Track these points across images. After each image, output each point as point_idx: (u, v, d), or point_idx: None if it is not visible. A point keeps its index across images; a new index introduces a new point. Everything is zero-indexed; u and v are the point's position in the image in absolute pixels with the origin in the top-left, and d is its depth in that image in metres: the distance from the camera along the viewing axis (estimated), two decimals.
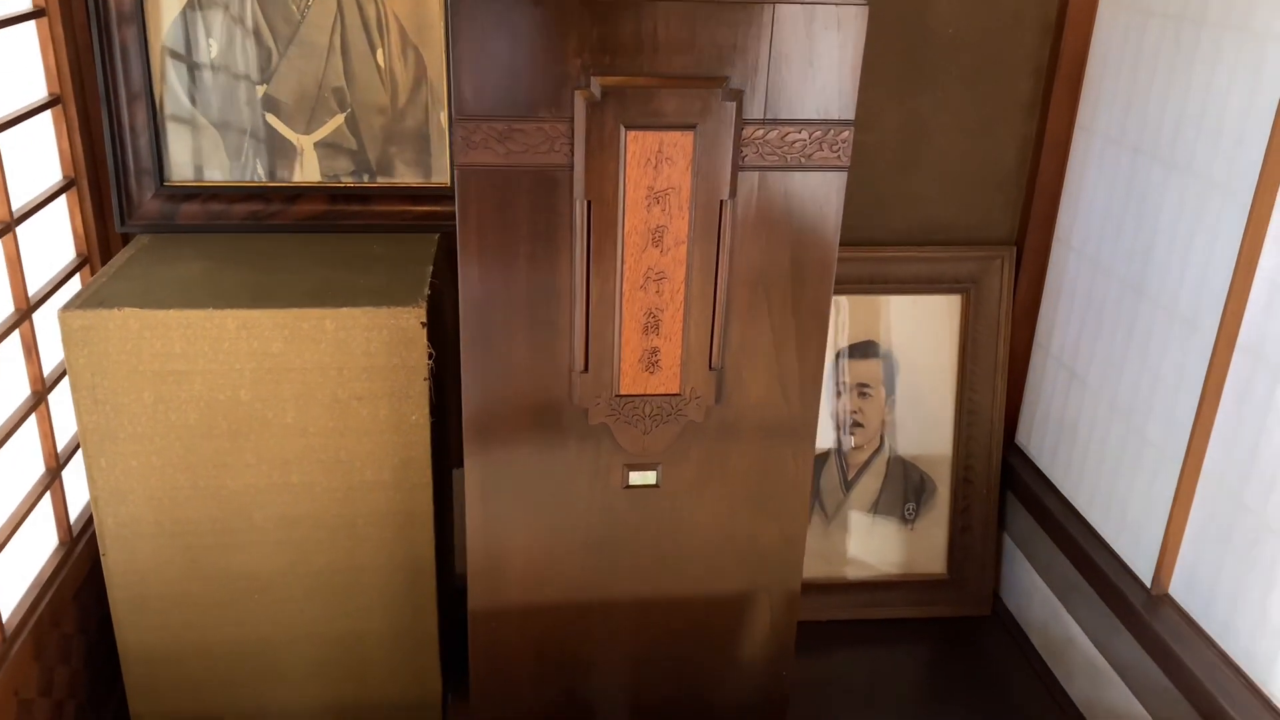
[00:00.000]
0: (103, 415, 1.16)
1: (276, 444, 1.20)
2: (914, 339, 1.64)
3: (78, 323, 1.13)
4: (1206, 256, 1.25)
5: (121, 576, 1.24)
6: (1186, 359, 1.28)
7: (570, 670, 1.22)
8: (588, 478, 1.09)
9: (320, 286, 1.21)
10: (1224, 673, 1.21)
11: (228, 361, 1.16)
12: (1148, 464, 1.36)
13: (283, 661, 1.31)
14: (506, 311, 1.00)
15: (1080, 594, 1.49)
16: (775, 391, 1.07)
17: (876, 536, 1.69)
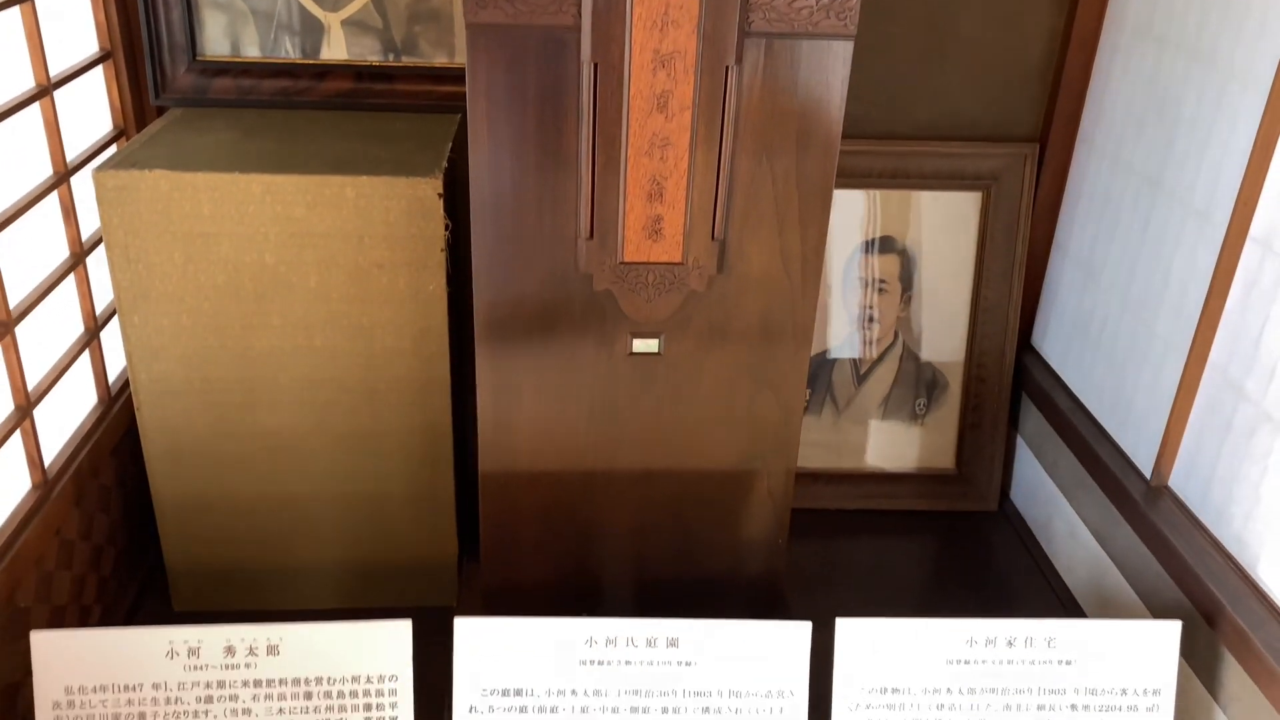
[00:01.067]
0: (135, 274, 1.22)
1: (300, 308, 1.25)
2: (933, 236, 1.65)
3: (111, 182, 1.18)
4: (1224, 148, 1.24)
5: (155, 432, 1.31)
6: (1198, 252, 1.29)
7: (575, 537, 1.27)
8: (592, 344, 1.13)
9: (343, 157, 1.25)
10: (1215, 559, 1.24)
11: (253, 225, 1.20)
12: (1154, 358, 1.37)
13: (307, 518, 1.38)
14: (515, 175, 1.03)
15: (1084, 488, 1.52)
16: (777, 264, 1.09)
17: (887, 430, 1.72)
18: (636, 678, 1.11)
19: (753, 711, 1.12)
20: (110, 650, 1.06)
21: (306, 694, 1.08)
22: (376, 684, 1.09)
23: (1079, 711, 1.14)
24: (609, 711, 1.11)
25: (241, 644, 1.07)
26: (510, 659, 1.10)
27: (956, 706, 1.13)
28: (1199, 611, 1.22)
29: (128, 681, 1.06)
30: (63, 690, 1.06)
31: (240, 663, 1.07)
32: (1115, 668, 1.14)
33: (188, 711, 1.07)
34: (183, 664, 1.07)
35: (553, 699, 1.11)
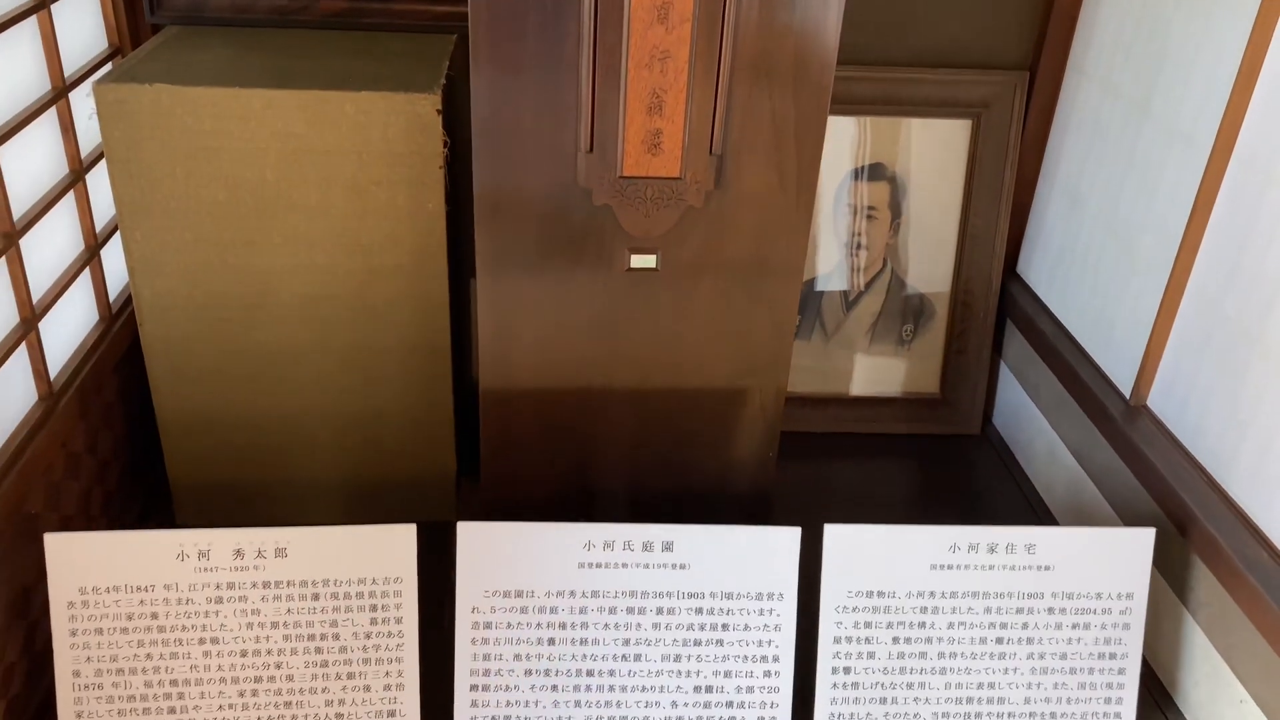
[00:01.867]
0: (137, 189, 1.23)
1: (301, 225, 1.27)
2: (923, 163, 1.67)
3: (112, 96, 1.18)
4: (1210, 71, 1.26)
5: (158, 347, 1.33)
6: (1182, 174, 1.31)
7: (572, 452, 1.31)
8: (591, 259, 1.15)
9: (341, 74, 1.26)
10: (1189, 473, 1.29)
11: (253, 140, 1.21)
12: (1137, 280, 1.41)
13: (309, 435, 1.40)
14: (515, 88, 1.04)
15: (1065, 409, 1.56)
16: (773, 180, 1.12)
17: (874, 356, 1.75)
18: (633, 580, 1.15)
19: (744, 613, 1.16)
20: (122, 552, 1.09)
21: (314, 595, 1.12)
22: (382, 586, 1.12)
23: (1056, 614, 1.19)
24: (606, 612, 1.15)
25: (250, 547, 1.10)
26: (511, 562, 1.14)
27: (939, 609, 1.18)
28: (1172, 522, 1.27)
29: (140, 582, 1.10)
30: (76, 591, 1.09)
31: (249, 565, 1.11)
32: (1091, 573, 1.19)
33: (198, 611, 1.11)
34: (193, 566, 1.10)
35: (552, 600, 1.15)
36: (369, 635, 1.13)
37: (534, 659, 1.16)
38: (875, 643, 1.18)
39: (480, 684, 1.15)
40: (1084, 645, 1.20)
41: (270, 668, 1.13)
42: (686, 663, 1.17)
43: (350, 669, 1.13)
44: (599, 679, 1.16)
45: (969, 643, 1.19)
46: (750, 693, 1.18)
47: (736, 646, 1.17)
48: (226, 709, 1.13)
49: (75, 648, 1.10)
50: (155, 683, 1.11)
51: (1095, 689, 1.21)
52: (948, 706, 1.20)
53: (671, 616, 1.16)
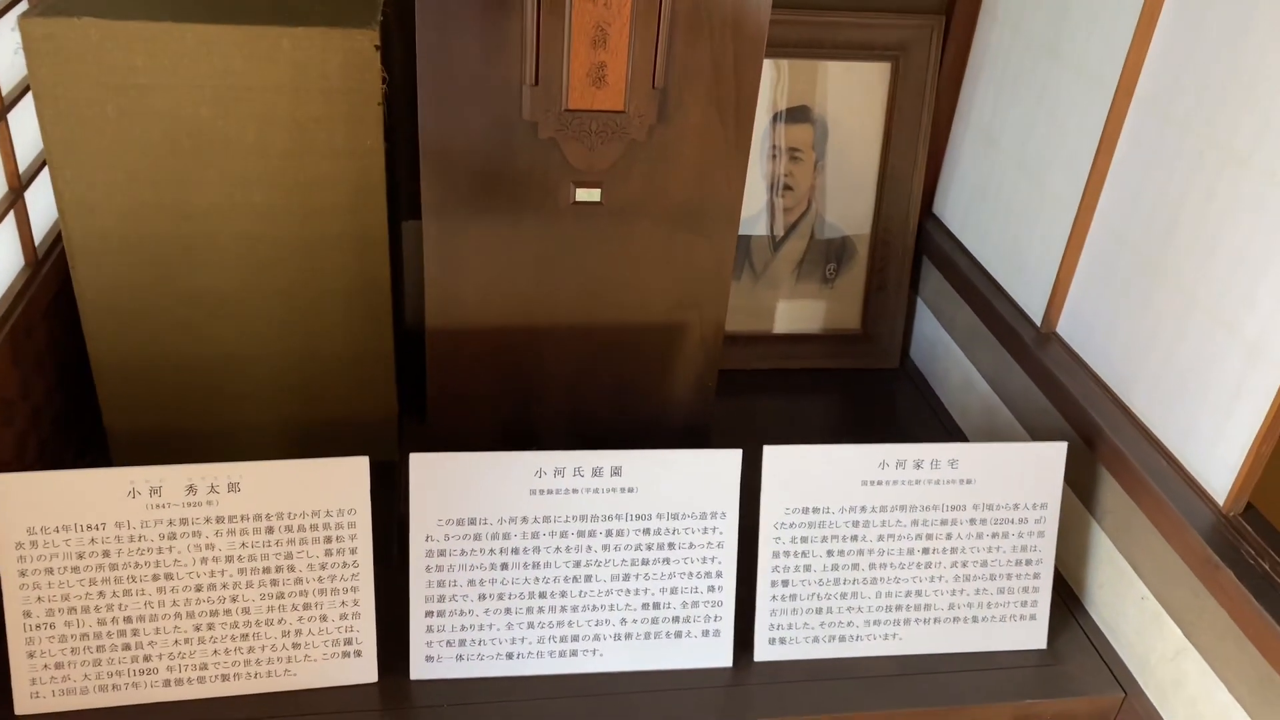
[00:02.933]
0: (67, 127, 1.21)
1: (238, 163, 1.26)
2: (844, 106, 1.72)
3: (39, 30, 1.15)
4: (1114, 12, 1.34)
5: (91, 290, 1.31)
6: (1089, 113, 1.40)
7: (518, 388, 1.34)
8: (537, 194, 1.18)
9: (276, 9, 1.25)
10: (1095, 393, 1.38)
11: (188, 78, 1.20)
12: (1047, 215, 1.49)
13: (248, 378, 1.40)
14: (459, 20, 1.06)
15: (979, 340, 1.65)
16: (713, 115, 1.15)
17: (799, 294, 1.82)
18: (582, 504, 1.19)
19: (689, 532, 1.22)
20: (71, 491, 1.09)
21: (268, 528, 1.13)
22: (336, 517, 1.14)
23: (977, 525, 1.28)
24: (558, 535, 1.19)
25: (203, 483, 1.11)
26: (464, 491, 1.17)
27: (870, 523, 1.26)
28: (1080, 438, 1.36)
29: (90, 520, 1.10)
30: (24, 531, 1.09)
31: (202, 500, 1.11)
32: (1009, 485, 1.28)
33: (152, 548, 1.11)
34: (145, 503, 1.10)
35: (505, 526, 1.18)
36: (324, 566, 1.15)
37: (487, 584, 1.19)
38: (811, 556, 1.25)
39: (435, 609, 1.19)
40: (1002, 553, 1.29)
41: (226, 601, 1.14)
42: (635, 581, 1.22)
43: (306, 600, 1.15)
44: (551, 600, 1.21)
45: (897, 553, 1.27)
46: (695, 607, 1.23)
47: (682, 564, 1.22)
48: (183, 643, 1.14)
49: (25, 588, 1.09)
50: (109, 620, 1.12)
51: (1013, 593, 1.30)
52: (879, 614, 1.28)
53: (620, 538, 1.21)
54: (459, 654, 1.20)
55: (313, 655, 1.17)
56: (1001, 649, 1.31)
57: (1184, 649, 1.20)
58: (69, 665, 1.12)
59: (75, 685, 1.12)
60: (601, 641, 1.22)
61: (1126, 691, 1.27)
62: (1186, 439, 1.23)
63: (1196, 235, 1.22)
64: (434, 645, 1.19)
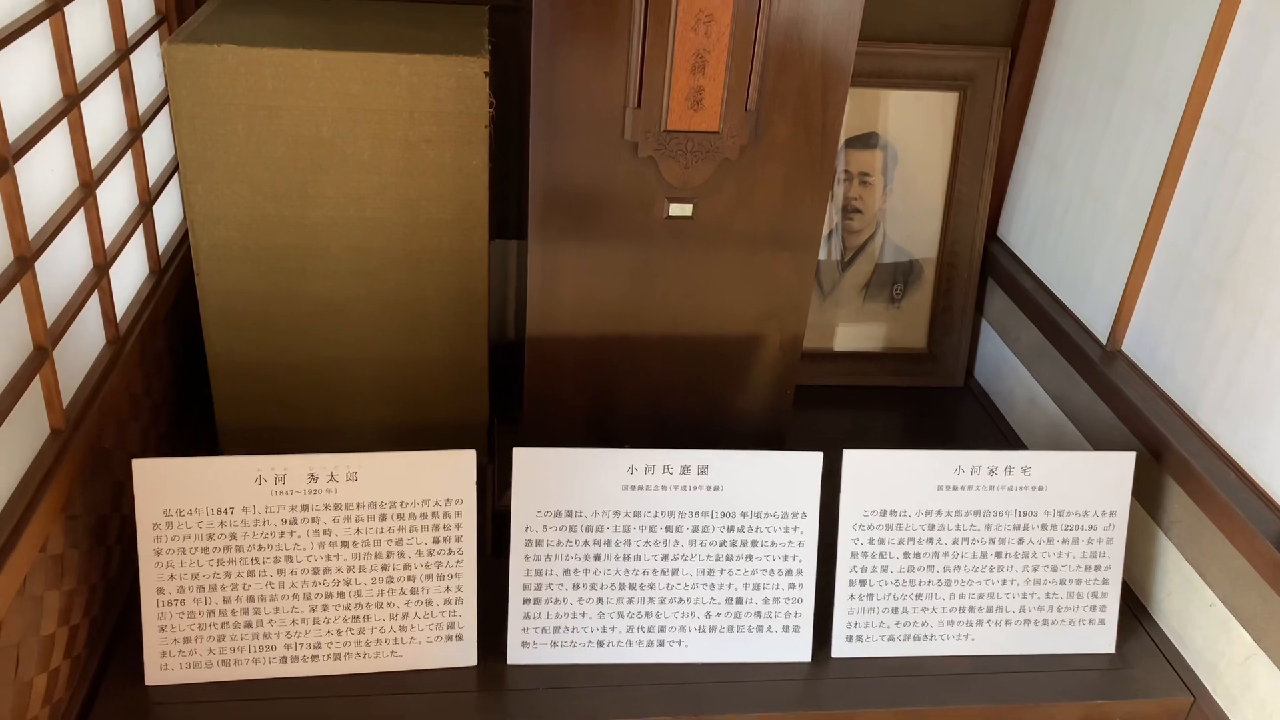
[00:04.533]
0: (200, 145, 1.31)
1: (353, 180, 1.35)
2: (912, 133, 1.80)
3: (182, 55, 1.26)
4: (1181, 41, 1.40)
5: (213, 296, 1.41)
6: (1155, 138, 1.46)
7: (607, 392, 1.41)
8: (634, 208, 1.26)
9: (392, 38, 1.35)
10: (1162, 407, 1.43)
11: (312, 99, 1.30)
12: (1112, 235, 1.55)
13: (352, 380, 1.49)
14: (571, 49, 1.15)
15: (1044, 358, 1.70)
16: (800, 136, 1.23)
17: (866, 313, 1.88)
18: (671, 501, 1.26)
19: (771, 530, 1.28)
20: (204, 476, 1.18)
21: (381, 515, 1.21)
22: (444, 507, 1.22)
23: (1048, 530, 1.33)
24: (647, 529, 1.26)
25: (323, 471, 1.20)
26: (561, 485, 1.24)
27: (944, 526, 1.31)
28: (1147, 450, 1.41)
29: (220, 505, 1.19)
30: (161, 513, 1.18)
31: (322, 488, 1.20)
32: (1079, 493, 1.33)
33: (274, 532, 1.20)
34: (270, 489, 1.19)
35: (598, 519, 1.26)
36: (431, 553, 1.23)
37: (581, 574, 1.26)
38: (888, 557, 1.31)
39: (532, 597, 1.26)
40: (1072, 558, 1.34)
41: (340, 584, 1.22)
42: (719, 576, 1.28)
43: (414, 584, 1.23)
44: (640, 591, 1.27)
45: (971, 556, 1.32)
46: (776, 603, 1.29)
47: (764, 561, 1.29)
48: (299, 623, 1.22)
49: (160, 566, 1.18)
50: (233, 599, 1.20)
51: (1082, 598, 1.35)
52: (952, 615, 1.33)
53: (706, 534, 1.27)
54: (553, 640, 1.26)
55: (418, 638, 1.24)
56: (1071, 652, 1.35)
57: (1254, 654, 1.24)
58: (195, 640, 1.20)
59: (200, 659, 1.21)
60: (686, 633, 1.29)
61: (1195, 695, 1.31)
62: (1254, 450, 1.28)
63: (1262, 254, 1.27)
64: (530, 631, 1.26)
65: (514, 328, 1.84)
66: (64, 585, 1.13)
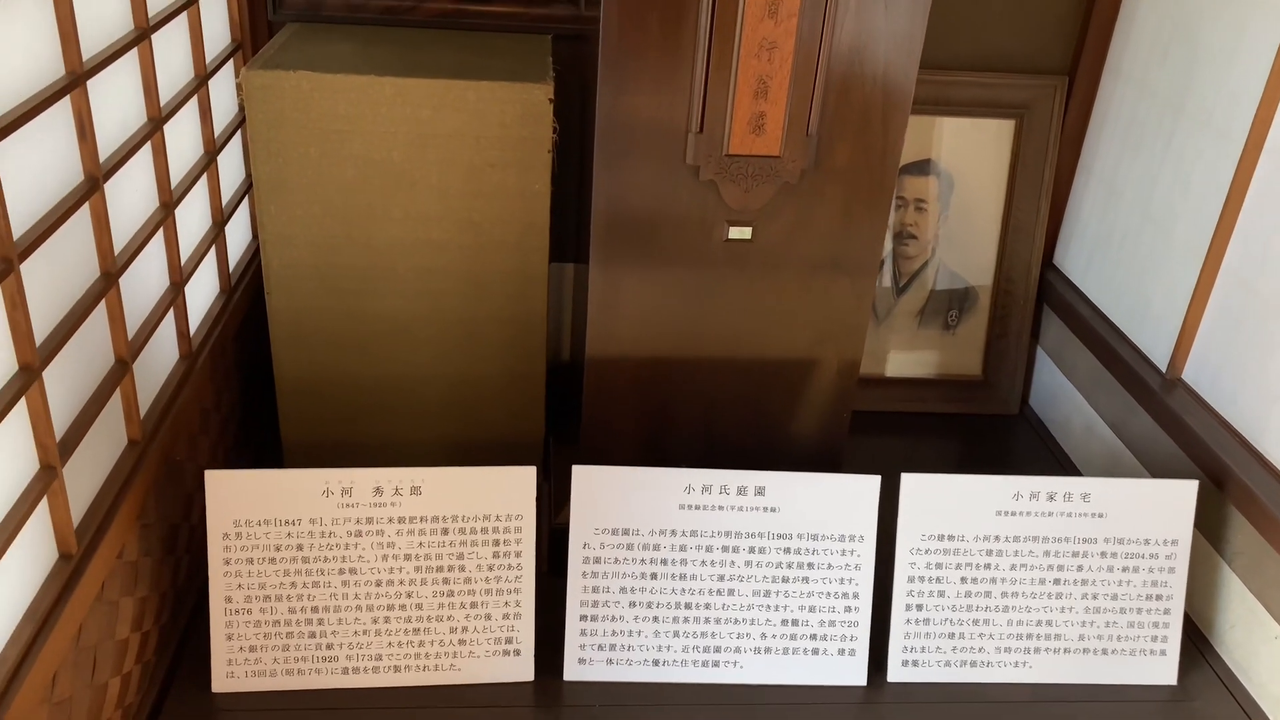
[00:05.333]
0: (275, 167, 1.36)
1: (420, 202, 1.39)
2: (968, 159, 1.80)
3: (259, 81, 1.31)
4: (1244, 70, 1.40)
5: (283, 315, 1.45)
6: (1216, 165, 1.45)
7: (664, 412, 1.43)
8: (694, 232, 1.28)
9: (459, 66, 1.39)
10: (1224, 435, 1.41)
11: (383, 125, 1.34)
12: (1173, 263, 1.54)
13: (414, 397, 1.52)
14: (637, 75, 1.17)
15: (1102, 387, 1.69)
16: (860, 159, 1.25)
17: (920, 340, 1.88)
18: (728, 521, 1.27)
19: (828, 553, 1.29)
20: (273, 488, 1.21)
21: (443, 530, 1.24)
22: (504, 522, 1.24)
23: (1107, 558, 1.32)
24: (704, 549, 1.27)
25: (389, 485, 1.22)
26: (619, 503, 1.26)
27: (1003, 552, 1.31)
28: (1209, 479, 1.39)
29: (288, 516, 1.22)
30: (231, 523, 1.21)
31: (387, 502, 1.23)
32: (1139, 521, 1.31)
33: (339, 544, 1.23)
34: (336, 502, 1.22)
35: (655, 538, 1.27)
36: (491, 568, 1.25)
37: (638, 592, 1.27)
38: (945, 582, 1.30)
39: (589, 614, 1.27)
40: (1133, 587, 1.32)
41: (402, 596, 1.24)
42: (775, 598, 1.29)
43: (474, 599, 1.25)
44: (696, 611, 1.28)
45: (1029, 583, 1.31)
46: (832, 626, 1.30)
47: (820, 584, 1.29)
48: (361, 634, 1.24)
49: (229, 575, 1.21)
50: (298, 609, 1.23)
51: (1143, 628, 1.33)
52: (1010, 642, 1.32)
53: (762, 555, 1.28)
54: (609, 658, 1.28)
55: (476, 652, 1.26)
56: (1131, 682, 1.33)
57: None
58: (261, 649, 1.23)
59: (265, 668, 1.23)
60: (742, 654, 1.29)
61: None
62: None
63: None
64: (587, 649, 1.27)
65: (569, 349, 1.87)
66: (137, 592, 1.16)
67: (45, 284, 0.98)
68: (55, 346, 0.97)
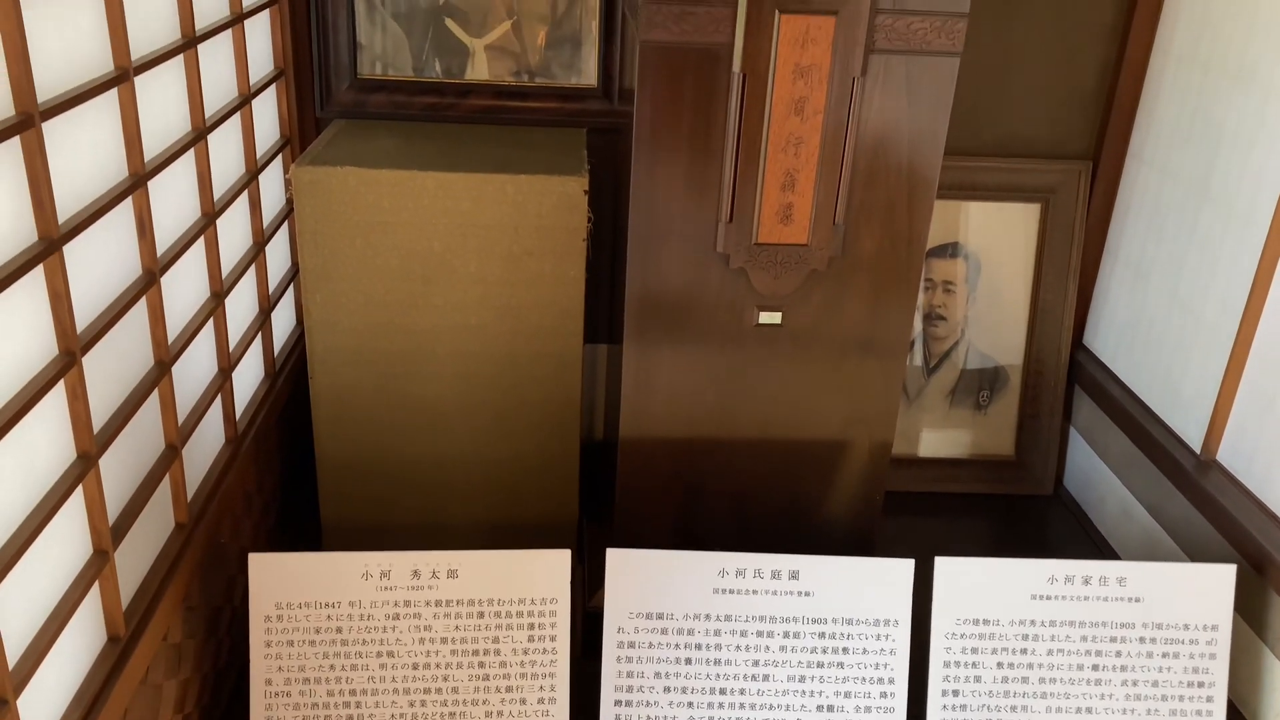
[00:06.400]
0: (321, 257, 1.41)
1: (460, 290, 1.44)
2: (995, 242, 1.83)
3: (308, 177, 1.37)
4: (1264, 158, 1.43)
5: (326, 397, 1.49)
6: (1242, 250, 1.47)
7: (696, 493, 1.44)
8: (725, 316, 1.31)
9: (499, 159, 1.45)
10: (1261, 519, 1.40)
11: (425, 216, 1.39)
12: (1203, 345, 1.55)
13: (449, 480, 1.55)
14: (669, 168, 1.22)
15: (1137, 467, 1.68)
16: (887, 247, 1.28)
17: (952, 420, 1.89)
18: (762, 606, 1.28)
19: (862, 637, 1.28)
20: (314, 571, 1.23)
21: (479, 613, 1.25)
22: (539, 605, 1.25)
23: (1146, 644, 1.30)
24: (738, 634, 1.28)
25: (426, 568, 1.24)
26: (653, 587, 1.27)
27: (1039, 637, 1.30)
28: (1249, 563, 1.38)
29: (328, 599, 1.24)
30: (273, 605, 1.23)
31: (424, 584, 1.24)
32: (1178, 606, 1.30)
33: (377, 627, 1.24)
34: (375, 585, 1.24)
35: (689, 623, 1.27)
36: (526, 651, 1.26)
37: (672, 677, 1.27)
38: (981, 668, 1.29)
39: (624, 699, 1.27)
40: (1174, 674, 1.31)
41: (438, 680, 1.25)
42: (810, 683, 1.28)
43: (509, 683, 1.26)
44: (730, 697, 1.28)
45: (1067, 669, 1.30)
46: (868, 713, 1.29)
47: (855, 669, 1.28)
48: (398, 718, 1.25)
49: (269, 658, 1.23)
50: (337, 692, 1.24)
51: (1186, 715, 1.31)
52: None
53: (797, 640, 1.28)
54: None
55: None
56: None
57: None
58: None
59: None
60: None
61: None
62: None
63: None
64: None
65: (602, 429, 1.89)
66: (180, 674, 1.18)
67: (103, 373, 1.02)
68: (111, 434, 1.01)
